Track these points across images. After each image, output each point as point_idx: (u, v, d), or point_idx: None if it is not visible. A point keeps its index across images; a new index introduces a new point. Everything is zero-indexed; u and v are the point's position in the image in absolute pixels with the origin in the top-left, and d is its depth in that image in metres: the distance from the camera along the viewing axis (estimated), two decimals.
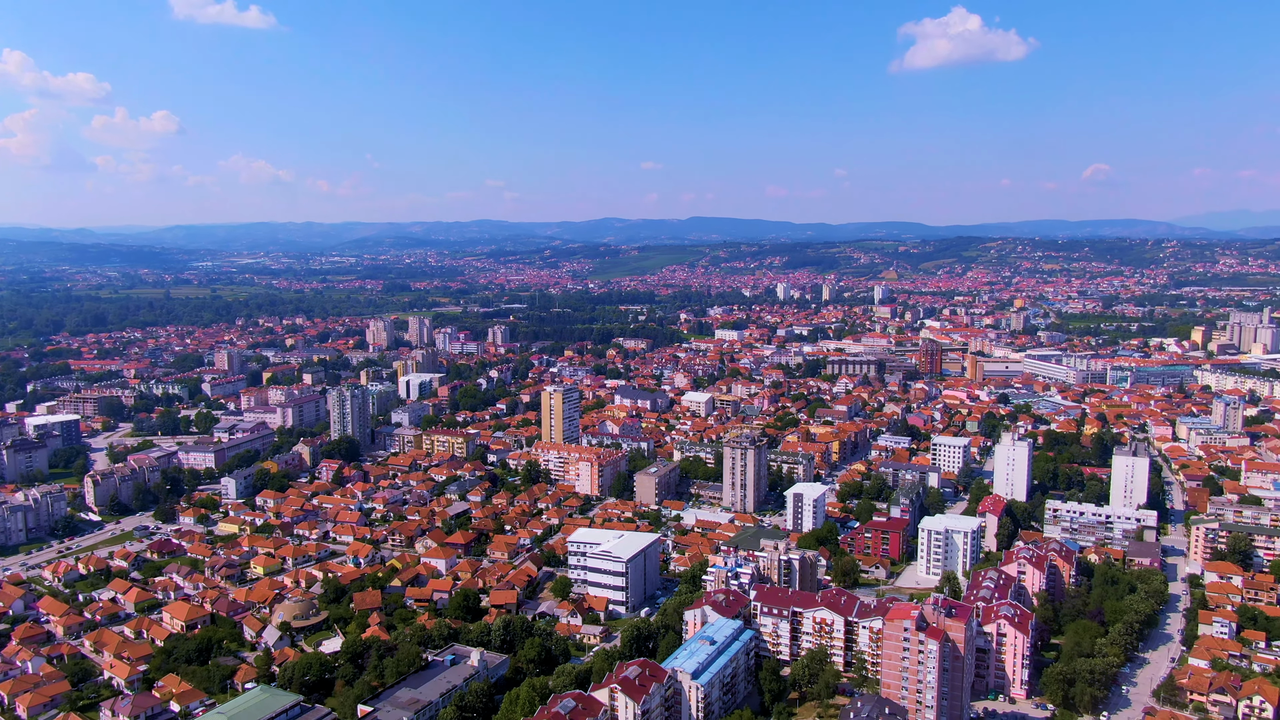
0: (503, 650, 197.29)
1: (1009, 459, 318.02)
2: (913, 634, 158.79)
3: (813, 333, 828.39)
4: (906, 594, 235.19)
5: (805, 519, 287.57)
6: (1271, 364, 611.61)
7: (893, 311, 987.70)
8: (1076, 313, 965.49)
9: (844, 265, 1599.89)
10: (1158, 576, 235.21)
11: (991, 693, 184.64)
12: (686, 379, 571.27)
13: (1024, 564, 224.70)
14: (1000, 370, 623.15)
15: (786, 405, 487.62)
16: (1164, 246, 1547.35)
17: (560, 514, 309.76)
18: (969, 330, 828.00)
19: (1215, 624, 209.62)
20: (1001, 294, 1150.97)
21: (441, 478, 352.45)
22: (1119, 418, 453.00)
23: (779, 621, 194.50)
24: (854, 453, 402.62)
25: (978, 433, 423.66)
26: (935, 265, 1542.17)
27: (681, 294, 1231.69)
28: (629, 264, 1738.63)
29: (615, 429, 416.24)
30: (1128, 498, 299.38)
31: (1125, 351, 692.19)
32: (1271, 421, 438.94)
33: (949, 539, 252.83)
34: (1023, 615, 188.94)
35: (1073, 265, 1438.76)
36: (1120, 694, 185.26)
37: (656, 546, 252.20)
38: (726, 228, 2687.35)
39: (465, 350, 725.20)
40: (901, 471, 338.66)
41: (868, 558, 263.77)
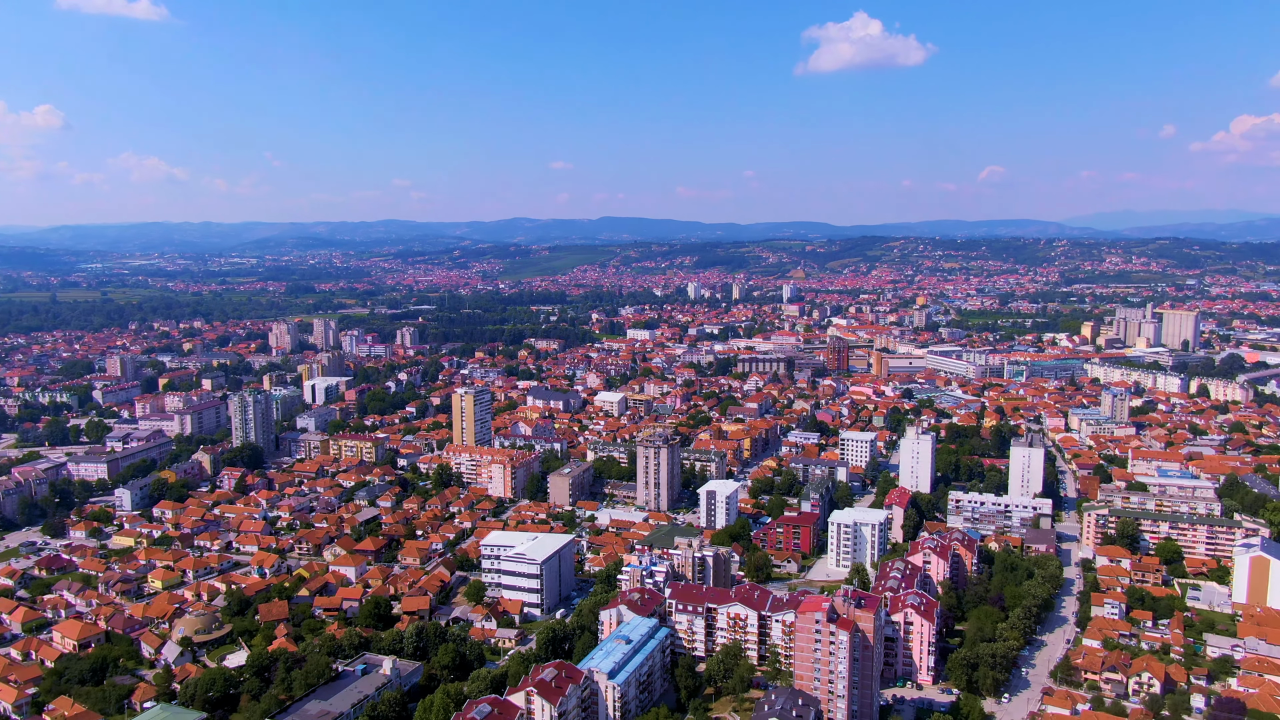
0: (416, 657, 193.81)
1: (913, 452, 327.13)
2: (824, 626, 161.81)
3: (723, 331, 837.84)
4: (818, 587, 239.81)
5: (718, 516, 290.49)
6: (1154, 357, 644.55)
7: (801, 310, 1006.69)
8: (975, 310, 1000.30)
9: (753, 264, 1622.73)
10: (1053, 562, 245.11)
11: (900, 679, 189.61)
12: (599, 379, 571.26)
13: (929, 554, 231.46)
14: (904, 366, 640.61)
15: (698, 403, 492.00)
16: (1055, 246, 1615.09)
17: (473, 517, 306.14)
18: (874, 327, 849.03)
19: (1107, 605, 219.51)
20: (904, 292, 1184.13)
21: (350, 483, 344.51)
22: (1016, 410, 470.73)
23: (694, 618, 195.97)
24: (765, 449, 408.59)
25: (884, 427, 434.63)
26: (841, 264, 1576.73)
27: (593, 294, 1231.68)
28: (540, 264, 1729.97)
29: (528, 430, 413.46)
30: (1025, 487, 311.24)
31: (1021, 347, 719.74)
32: (1155, 412, 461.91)
33: (858, 532, 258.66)
34: (928, 604, 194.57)
35: (971, 264, 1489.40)
36: (1020, 676, 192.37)
37: (571, 547, 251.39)
38: (637, 227, 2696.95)
39: (373, 353, 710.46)
40: (811, 467, 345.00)
41: (780, 552, 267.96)
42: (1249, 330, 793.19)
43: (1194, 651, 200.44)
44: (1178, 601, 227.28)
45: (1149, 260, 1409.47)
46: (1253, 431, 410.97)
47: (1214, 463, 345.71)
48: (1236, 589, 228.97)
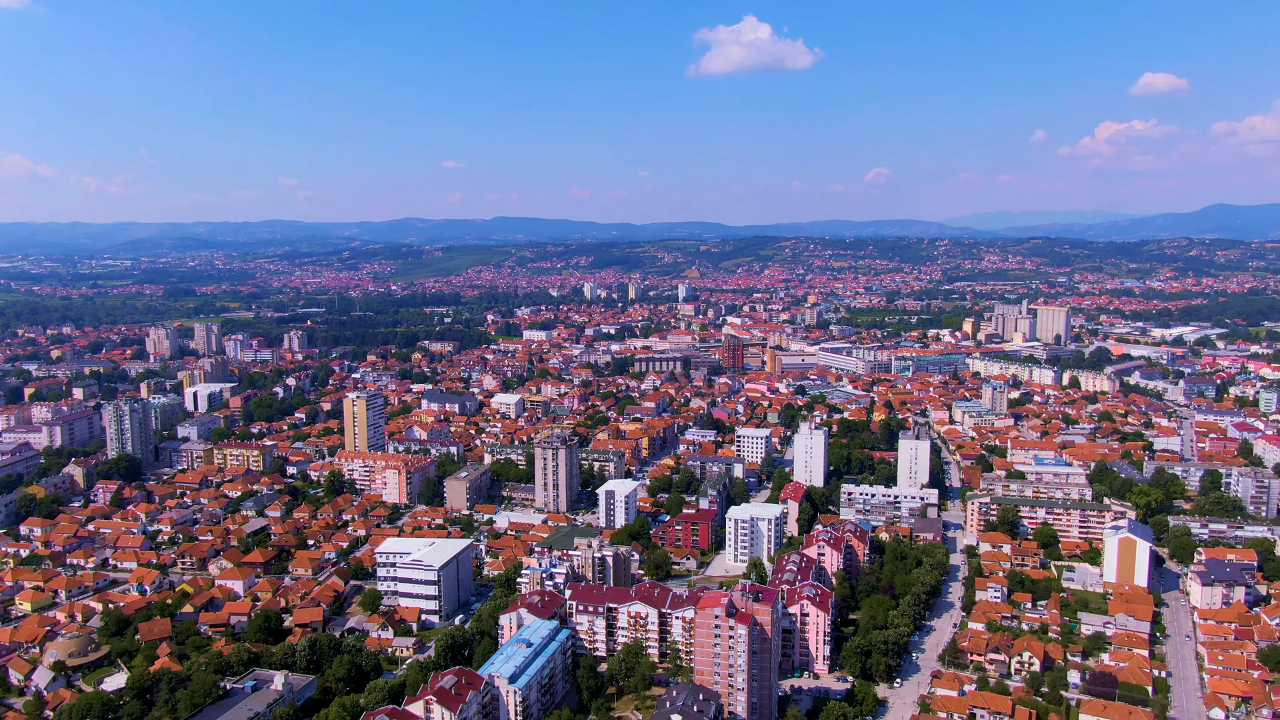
0: (310, 671, 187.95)
1: (807, 447, 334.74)
2: (723, 621, 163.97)
3: (620, 331, 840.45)
4: (717, 582, 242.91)
5: (618, 515, 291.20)
6: (1030, 351, 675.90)
7: (696, 309, 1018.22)
8: (864, 307, 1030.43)
9: (649, 264, 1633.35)
10: (940, 549, 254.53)
11: (797, 670, 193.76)
12: (495, 381, 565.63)
13: (823, 546, 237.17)
14: (797, 363, 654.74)
15: (596, 404, 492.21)
16: (938, 245, 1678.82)
17: (367, 525, 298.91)
18: (768, 326, 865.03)
19: (990, 589, 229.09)
20: (796, 290, 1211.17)
21: (236, 493, 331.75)
22: (903, 404, 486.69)
23: (595, 619, 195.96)
24: (663, 448, 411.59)
25: (778, 423, 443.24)
26: (735, 264, 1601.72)
27: (488, 295, 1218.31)
28: (433, 265, 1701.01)
29: (423, 434, 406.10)
30: (913, 478, 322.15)
31: (907, 343, 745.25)
32: (1031, 403, 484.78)
33: (754, 527, 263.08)
34: (823, 595, 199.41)
35: (859, 263, 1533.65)
36: (911, 661, 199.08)
37: (469, 552, 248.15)
38: (532, 228, 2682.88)
39: (259, 358, 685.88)
40: (709, 464, 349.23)
41: (679, 549, 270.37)
42: (1115, 324, 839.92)
43: (1070, 630, 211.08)
44: (1054, 583, 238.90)
45: (1024, 259, 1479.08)
46: (1119, 420, 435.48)
47: (1085, 450, 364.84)
48: (1107, 569, 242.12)
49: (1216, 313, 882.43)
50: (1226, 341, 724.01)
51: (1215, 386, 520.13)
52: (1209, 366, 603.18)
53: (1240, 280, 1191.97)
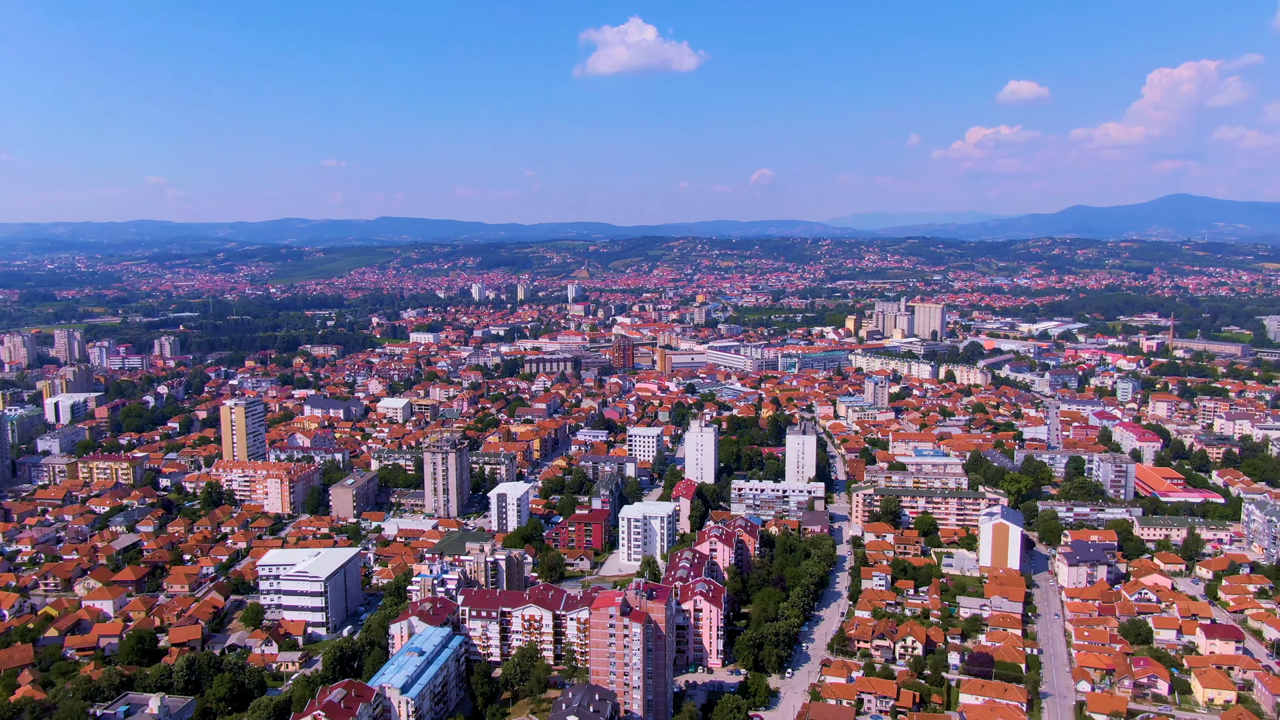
0: (188, 691, 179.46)
1: (698, 445, 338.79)
2: (618, 620, 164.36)
3: (509, 332, 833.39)
4: (611, 582, 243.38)
5: (510, 518, 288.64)
6: (909, 346, 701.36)
7: (586, 309, 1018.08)
8: (751, 306, 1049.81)
9: (538, 265, 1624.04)
10: (827, 541, 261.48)
11: (692, 665, 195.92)
12: (381, 385, 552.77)
13: (715, 542, 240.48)
14: (686, 362, 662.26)
15: (486, 406, 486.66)
16: (820, 245, 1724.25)
17: (248, 536, 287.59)
18: (657, 325, 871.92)
19: (875, 578, 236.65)
20: (685, 290, 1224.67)
21: (104, 509, 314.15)
22: (790, 400, 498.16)
23: (488, 623, 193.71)
24: (555, 449, 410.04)
25: (669, 422, 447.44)
26: (624, 264, 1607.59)
27: (373, 297, 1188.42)
28: (314, 266, 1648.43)
29: (306, 441, 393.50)
30: (800, 472, 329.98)
31: (793, 340, 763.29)
32: (911, 397, 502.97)
33: (647, 525, 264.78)
34: (716, 590, 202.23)
35: (746, 262, 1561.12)
36: (802, 651, 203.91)
37: (357, 561, 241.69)
38: (418, 228, 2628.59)
39: (128, 365, 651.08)
40: (601, 464, 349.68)
41: (573, 550, 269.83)
42: (986, 320, 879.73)
43: (950, 613, 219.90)
44: (935, 569, 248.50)
45: (901, 258, 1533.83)
46: (991, 411, 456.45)
47: (961, 441, 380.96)
48: (982, 554, 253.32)
49: (1078, 308, 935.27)
50: (1087, 335, 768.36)
51: (1077, 378, 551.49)
52: (1072, 359, 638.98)
53: (1098, 277, 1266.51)
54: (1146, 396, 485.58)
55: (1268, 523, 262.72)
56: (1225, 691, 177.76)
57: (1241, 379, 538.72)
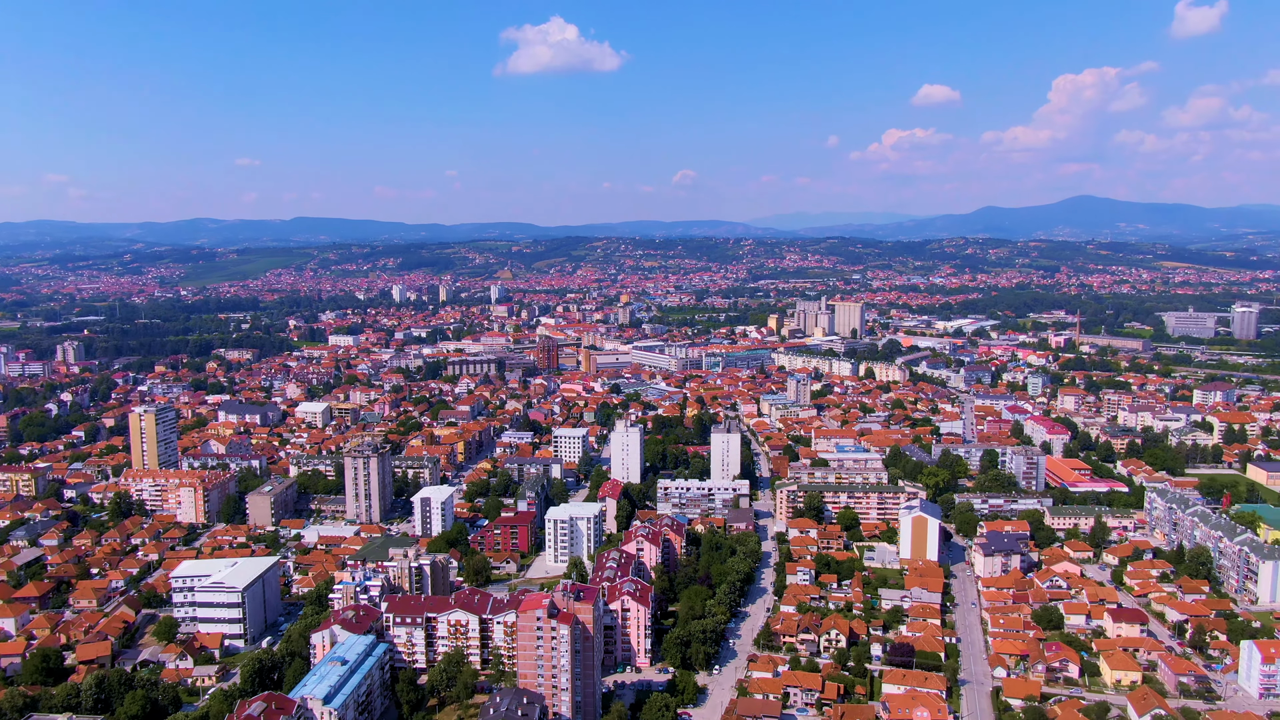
0: (97, 711, 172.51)
1: (623, 445, 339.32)
2: (545, 622, 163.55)
3: (432, 334, 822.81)
4: (538, 584, 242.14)
5: (434, 523, 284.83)
6: (830, 344, 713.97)
7: (509, 310, 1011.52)
8: (675, 306, 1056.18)
9: (460, 266, 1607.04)
10: (753, 538, 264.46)
11: (620, 665, 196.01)
12: (300, 389, 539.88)
13: (642, 541, 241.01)
14: (611, 362, 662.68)
15: (409, 409, 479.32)
16: (742, 245, 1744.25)
17: (160, 548, 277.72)
18: (582, 326, 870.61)
19: (799, 573, 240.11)
20: (609, 290, 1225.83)
21: (4, 522, 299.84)
22: (714, 399, 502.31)
23: (413, 630, 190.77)
24: (479, 452, 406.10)
25: (594, 422, 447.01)
26: (547, 264, 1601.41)
27: (289, 299, 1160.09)
28: (228, 268, 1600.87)
29: (221, 448, 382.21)
30: (725, 470, 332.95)
31: (716, 339, 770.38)
32: (832, 394, 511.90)
33: (574, 526, 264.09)
34: (643, 589, 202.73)
35: (669, 262, 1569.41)
36: (729, 647, 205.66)
37: (276, 570, 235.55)
38: (335, 228, 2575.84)
39: (28, 372, 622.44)
40: (526, 466, 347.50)
41: (499, 554, 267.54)
42: (903, 318, 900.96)
43: (871, 606, 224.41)
44: (857, 563, 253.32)
45: (821, 257, 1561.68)
46: (910, 407, 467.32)
47: (881, 437, 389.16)
48: (903, 546, 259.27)
49: (990, 306, 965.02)
50: (999, 332, 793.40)
51: (991, 374, 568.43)
52: (985, 355, 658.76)
53: (1009, 276, 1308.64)
54: (1055, 391, 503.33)
55: (1168, 510, 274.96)
56: (1131, 672, 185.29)
57: (1143, 373, 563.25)
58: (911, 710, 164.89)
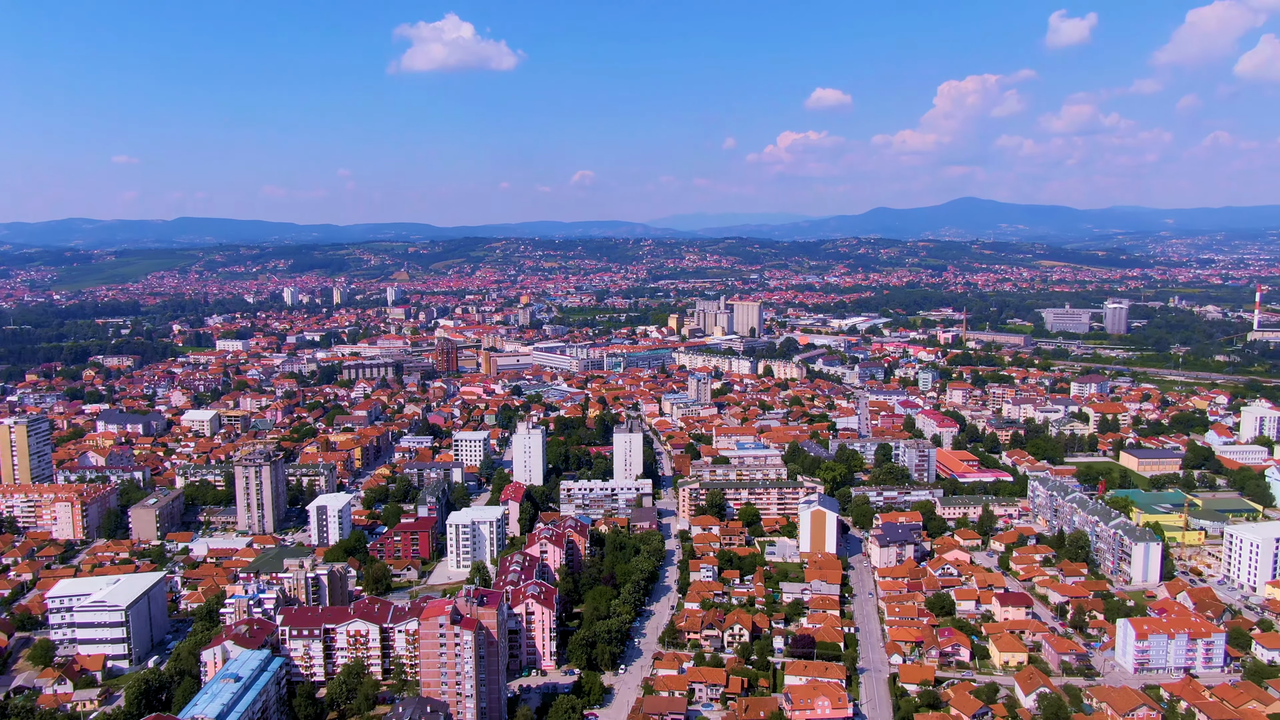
0: None
1: (525, 447, 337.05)
2: (448, 629, 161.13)
3: (326, 338, 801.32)
4: (440, 590, 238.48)
5: (331, 531, 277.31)
6: (729, 343, 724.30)
7: (407, 312, 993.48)
8: (575, 306, 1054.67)
9: (354, 267, 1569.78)
10: (656, 537, 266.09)
11: (525, 669, 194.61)
12: (186, 396, 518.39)
13: (545, 543, 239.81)
14: (512, 364, 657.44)
15: (303, 415, 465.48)
16: (642, 245, 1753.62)
17: (34, 567, 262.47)
18: (481, 327, 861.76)
19: (702, 570, 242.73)
20: (509, 291, 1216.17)
21: None
22: (616, 399, 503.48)
23: (310, 642, 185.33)
24: (377, 457, 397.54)
25: (496, 425, 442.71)
26: (445, 265, 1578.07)
27: (173, 303, 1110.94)
28: (105, 270, 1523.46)
29: (101, 460, 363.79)
30: (628, 470, 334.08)
31: (617, 339, 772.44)
32: (732, 392, 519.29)
33: (476, 530, 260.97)
34: (548, 592, 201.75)
35: (569, 263, 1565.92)
36: (634, 646, 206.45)
37: (163, 586, 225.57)
38: (222, 229, 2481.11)
39: None
40: (426, 470, 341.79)
41: (399, 561, 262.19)
42: (800, 317, 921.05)
43: (773, 599, 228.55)
44: (759, 558, 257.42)
45: (720, 257, 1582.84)
46: (807, 404, 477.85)
47: (779, 433, 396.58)
48: (802, 540, 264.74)
49: (882, 304, 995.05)
50: (891, 329, 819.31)
51: (883, 370, 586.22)
52: (878, 352, 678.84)
53: (900, 275, 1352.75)
54: (944, 385, 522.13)
55: (1049, 497, 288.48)
56: (1018, 654, 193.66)
57: (1025, 367, 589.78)
58: (813, 700, 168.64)
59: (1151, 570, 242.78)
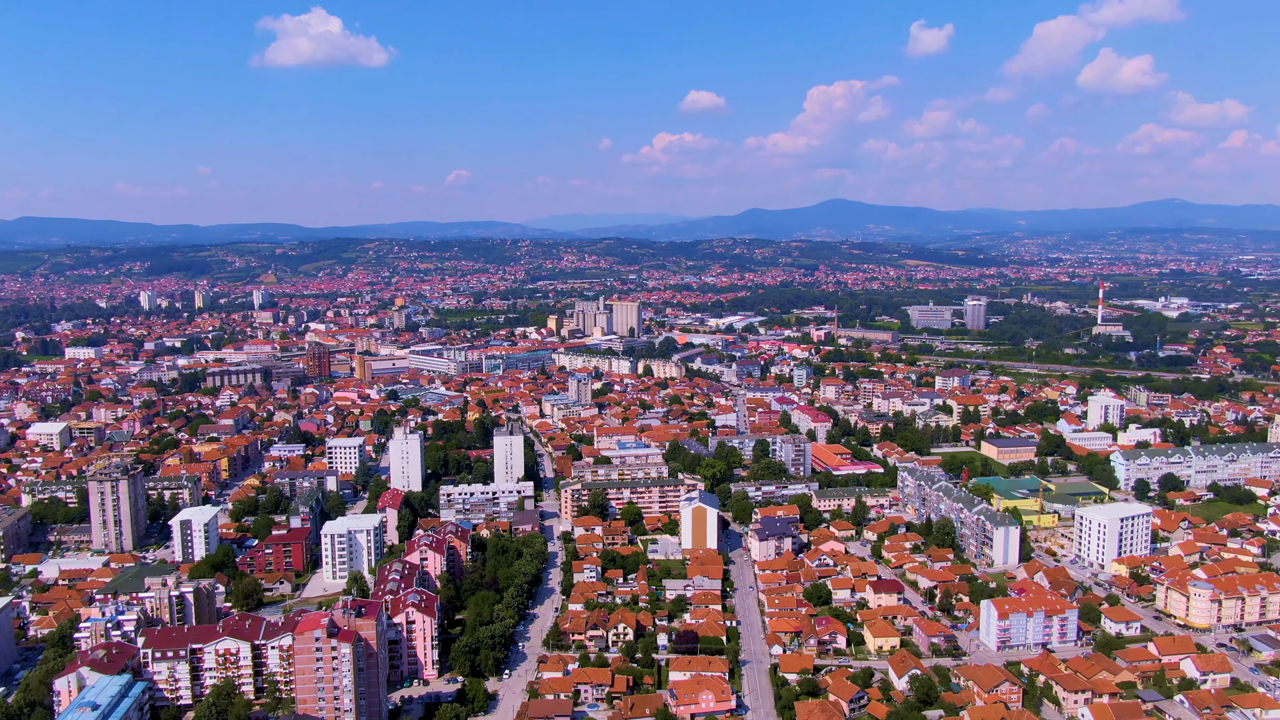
0: None
1: (403, 452, 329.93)
2: (324, 642, 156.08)
3: (188, 344, 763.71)
4: (316, 603, 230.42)
5: (197, 547, 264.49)
6: (609, 344, 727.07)
7: (275, 316, 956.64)
8: (452, 308, 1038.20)
9: (218, 269, 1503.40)
10: (539, 539, 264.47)
11: (407, 679, 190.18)
12: (31, 408, 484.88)
13: (425, 550, 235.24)
14: (388, 368, 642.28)
15: (163, 425, 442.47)
16: (520, 246, 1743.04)
17: None
18: (355, 331, 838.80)
19: (586, 570, 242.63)
20: (383, 294, 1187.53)
21: None
22: (496, 402, 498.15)
23: (175, 664, 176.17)
24: (246, 467, 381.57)
25: (372, 430, 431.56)
26: (316, 267, 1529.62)
27: (16, 308, 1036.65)
28: None
29: None
30: (509, 473, 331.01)
31: (496, 341, 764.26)
32: (612, 392, 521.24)
33: (352, 540, 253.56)
34: (428, 600, 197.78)
35: (445, 264, 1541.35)
36: (519, 651, 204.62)
37: (9, 612, 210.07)
38: (71, 230, 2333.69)
39: None
40: (299, 480, 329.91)
41: (271, 574, 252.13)
42: (678, 317, 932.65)
43: (657, 597, 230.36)
44: (641, 556, 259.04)
45: (598, 258, 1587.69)
46: (687, 402, 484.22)
47: (660, 432, 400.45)
48: (684, 537, 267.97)
49: (758, 303, 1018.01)
50: (766, 328, 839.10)
51: (760, 367, 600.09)
52: (754, 350, 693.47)
53: (774, 275, 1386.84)
54: (818, 381, 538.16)
55: (917, 487, 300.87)
56: (891, 638, 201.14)
57: (893, 362, 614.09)
58: (697, 695, 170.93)
59: (1011, 553, 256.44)
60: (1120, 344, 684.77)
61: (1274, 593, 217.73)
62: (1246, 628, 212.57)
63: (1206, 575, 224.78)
